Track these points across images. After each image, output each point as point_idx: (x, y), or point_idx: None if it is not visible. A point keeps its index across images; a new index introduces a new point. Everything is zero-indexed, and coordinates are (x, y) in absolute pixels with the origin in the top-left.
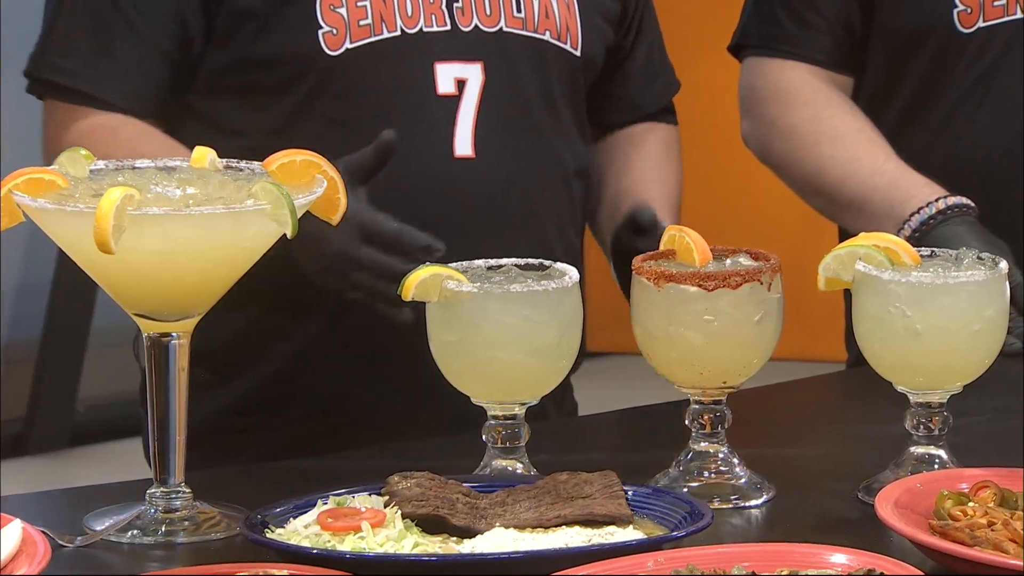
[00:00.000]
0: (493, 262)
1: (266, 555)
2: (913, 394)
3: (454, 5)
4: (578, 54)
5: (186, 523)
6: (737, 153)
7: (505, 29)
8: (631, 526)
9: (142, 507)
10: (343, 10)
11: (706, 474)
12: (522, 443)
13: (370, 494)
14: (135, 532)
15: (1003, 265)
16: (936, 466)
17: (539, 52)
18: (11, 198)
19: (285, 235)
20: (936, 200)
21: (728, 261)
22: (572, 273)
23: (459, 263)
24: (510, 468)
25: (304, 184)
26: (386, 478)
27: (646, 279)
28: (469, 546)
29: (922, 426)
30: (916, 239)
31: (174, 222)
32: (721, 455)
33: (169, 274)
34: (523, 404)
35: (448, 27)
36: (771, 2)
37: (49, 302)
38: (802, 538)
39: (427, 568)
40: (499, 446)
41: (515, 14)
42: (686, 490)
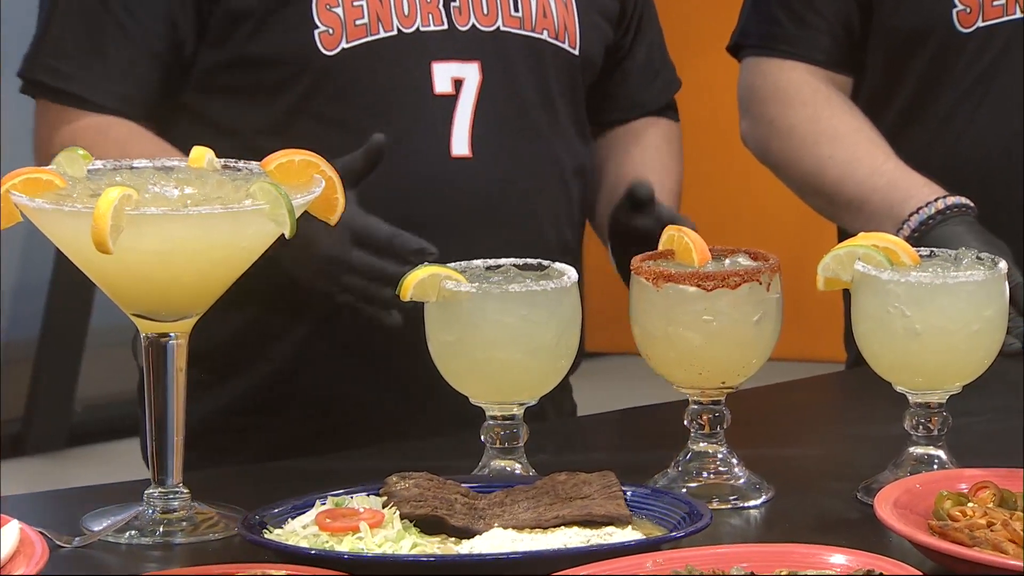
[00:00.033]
0: (492, 262)
1: (264, 556)
2: (912, 394)
3: (451, 4)
4: (576, 53)
5: (184, 524)
6: (736, 153)
7: (502, 28)
8: (630, 527)
9: (140, 507)
10: (339, 10)
11: (705, 474)
12: (521, 443)
13: (368, 494)
14: (133, 532)
15: (1002, 265)
16: (935, 466)
17: (537, 51)
18: (9, 198)
19: (283, 235)
20: (935, 200)
21: (727, 261)
22: (571, 273)
23: (457, 263)
24: (509, 468)
25: (302, 184)
26: (384, 478)
27: (645, 279)
28: (467, 547)
29: (921, 426)
30: (915, 239)
31: (172, 222)
32: (720, 455)
33: (167, 274)
34: (522, 404)
35: (445, 26)
36: (770, 2)
37: (47, 302)
38: (801, 538)
39: (425, 569)
40: (498, 446)
41: (512, 13)
42: (685, 490)
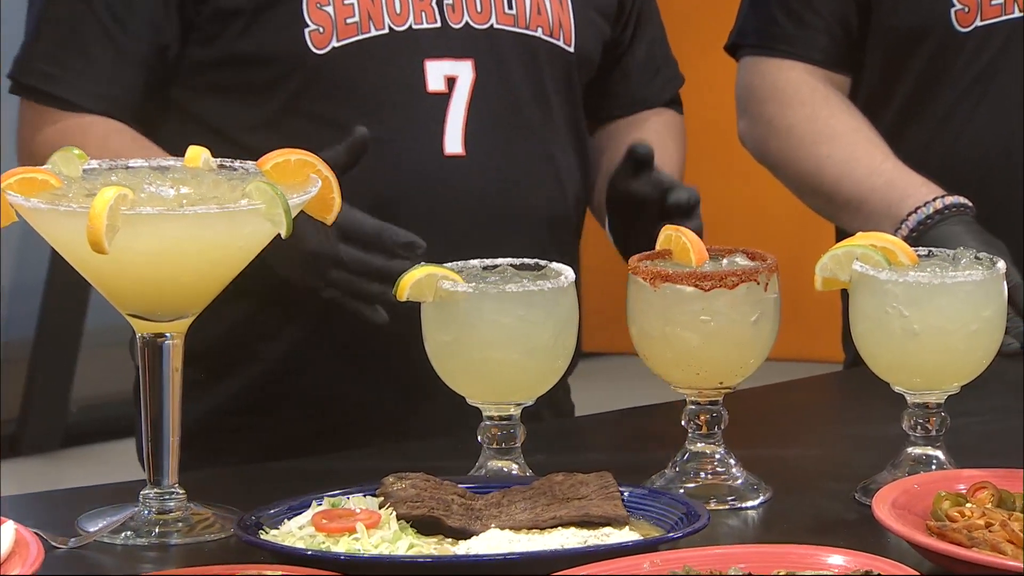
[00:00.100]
0: (488, 262)
1: (260, 556)
2: (910, 395)
3: (444, 2)
4: (571, 50)
5: (180, 524)
6: (734, 153)
7: (496, 26)
8: (627, 527)
9: (136, 508)
10: (330, 8)
11: (703, 475)
12: (518, 444)
13: (365, 495)
14: (128, 533)
15: (1001, 265)
16: (933, 467)
17: (531, 49)
18: (5, 198)
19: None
20: (934, 200)
21: (725, 261)
22: (568, 273)
23: (454, 263)
24: (506, 469)
25: (298, 184)
26: (381, 479)
27: (642, 279)
28: (464, 547)
29: (919, 427)
30: (913, 239)
31: (168, 222)
32: (718, 456)
33: (163, 274)
34: (519, 405)
35: (438, 24)
36: (768, 1)
37: (42, 302)
38: (799, 539)
39: (422, 569)
40: (495, 447)
41: (506, 11)
42: (682, 491)
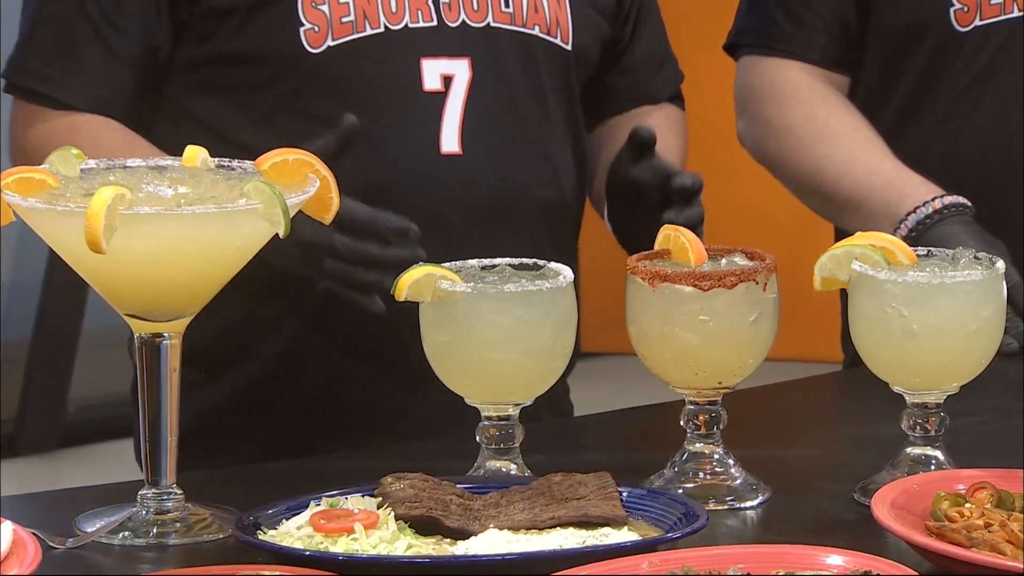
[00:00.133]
0: (487, 262)
1: (258, 557)
2: (909, 395)
3: (440, 1)
4: (569, 48)
5: (178, 525)
6: (733, 153)
7: (493, 24)
8: (626, 527)
9: (133, 508)
10: (325, 7)
11: (701, 475)
12: (516, 444)
13: (363, 495)
14: (126, 534)
15: (1000, 265)
16: (932, 467)
17: (528, 47)
18: (3, 198)
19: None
20: (933, 199)
21: (723, 261)
22: (566, 273)
23: (453, 263)
24: (504, 469)
25: (296, 183)
26: (379, 479)
27: (641, 279)
28: (463, 548)
29: (918, 427)
30: (913, 239)
31: (166, 221)
32: (716, 456)
33: (161, 274)
34: (517, 405)
35: (434, 22)
36: (766, 1)
37: (40, 302)
38: (798, 539)
39: (420, 570)
40: (493, 447)
41: (503, 9)
42: (681, 491)
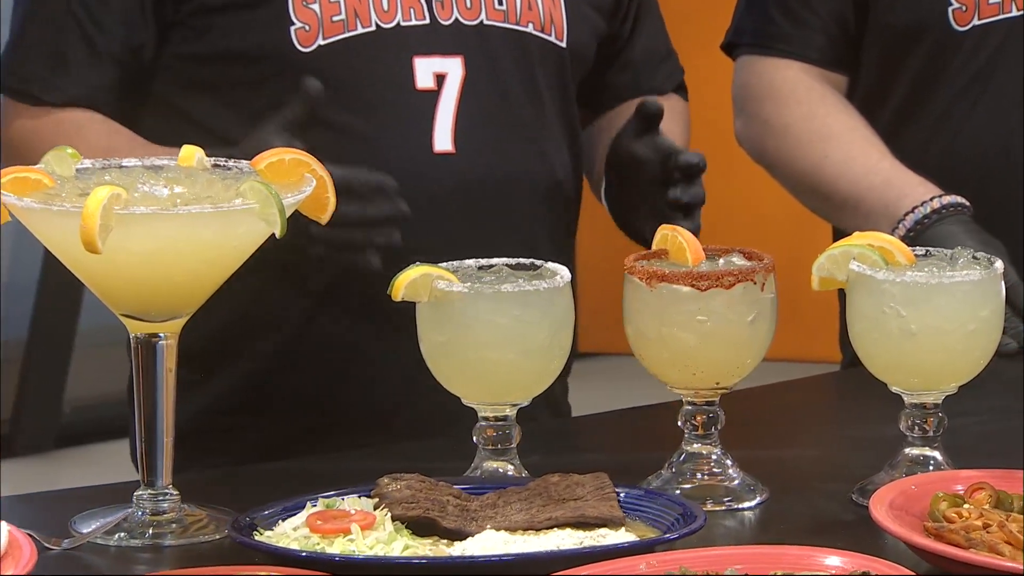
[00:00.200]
0: (484, 262)
1: (255, 558)
2: (908, 395)
3: None
4: (563, 45)
5: (174, 525)
6: (731, 152)
7: (486, 22)
8: (623, 528)
9: (129, 509)
10: (316, 6)
11: (699, 476)
12: (513, 444)
13: (360, 496)
14: (122, 535)
15: (998, 265)
16: (931, 467)
17: (522, 45)
18: None
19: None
20: (931, 199)
21: (721, 261)
22: (564, 273)
23: (450, 263)
24: (501, 470)
25: (293, 183)
26: (376, 480)
27: (638, 279)
28: (459, 548)
29: (917, 427)
30: (911, 238)
31: (161, 221)
32: (714, 456)
33: (157, 274)
34: (514, 405)
35: (427, 21)
36: (764, 0)
37: (35, 302)
38: (796, 540)
39: (417, 570)
40: (490, 448)
41: (497, 7)
42: (679, 492)
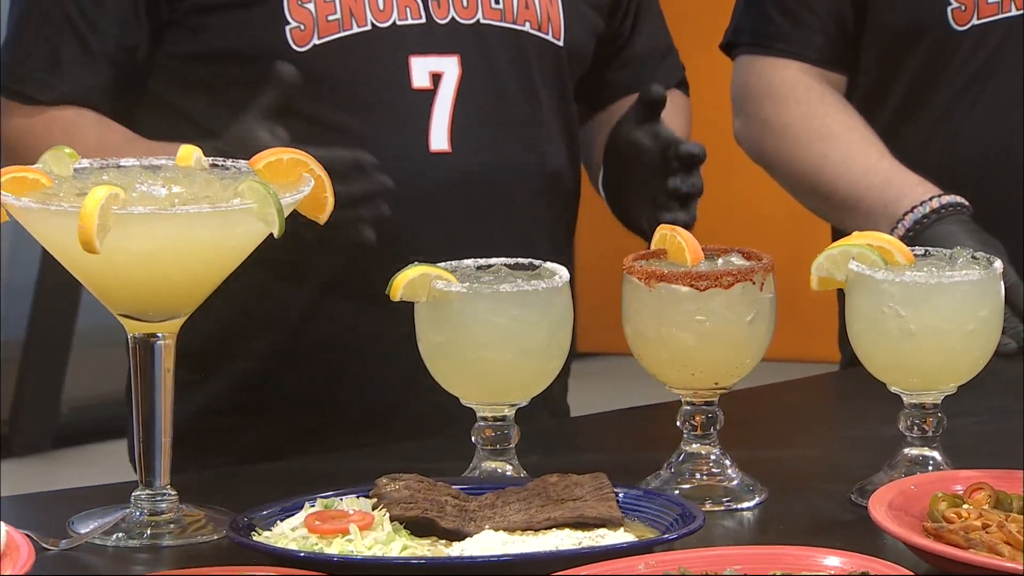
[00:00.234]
0: (483, 262)
1: (253, 558)
2: (907, 395)
3: None
4: (560, 44)
5: (172, 526)
6: (729, 152)
7: (483, 21)
8: (622, 528)
9: (127, 510)
10: (311, 5)
11: (698, 476)
12: (512, 445)
13: (358, 496)
14: (120, 535)
15: (998, 264)
16: (930, 468)
17: (518, 44)
18: None
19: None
20: (930, 199)
21: (720, 261)
22: (562, 273)
23: (448, 263)
24: (500, 470)
25: (291, 183)
26: (374, 480)
27: (637, 279)
28: (458, 549)
29: (916, 427)
30: (910, 238)
31: (159, 221)
32: (713, 457)
33: (155, 274)
34: (512, 405)
35: (423, 20)
36: (763, 0)
37: (33, 302)
38: (795, 540)
39: (416, 571)
40: (489, 448)
41: (493, 5)
42: (678, 492)
